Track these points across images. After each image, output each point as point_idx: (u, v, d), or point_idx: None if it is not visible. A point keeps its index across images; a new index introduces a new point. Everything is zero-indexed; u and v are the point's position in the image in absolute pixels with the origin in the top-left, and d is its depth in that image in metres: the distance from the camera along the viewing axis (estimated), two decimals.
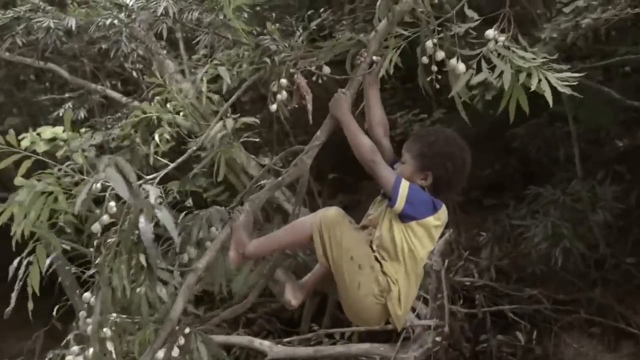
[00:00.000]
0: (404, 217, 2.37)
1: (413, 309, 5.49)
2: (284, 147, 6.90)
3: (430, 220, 2.38)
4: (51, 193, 2.26)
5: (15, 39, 3.86)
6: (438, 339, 5.28)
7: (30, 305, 2.47)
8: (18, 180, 2.23)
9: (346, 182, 7.07)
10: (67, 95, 6.80)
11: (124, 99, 6.56)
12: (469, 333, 5.99)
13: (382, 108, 2.71)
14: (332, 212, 2.39)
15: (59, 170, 2.31)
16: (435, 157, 2.40)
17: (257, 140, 2.81)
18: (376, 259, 2.39)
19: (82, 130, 2.50)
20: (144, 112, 2.67)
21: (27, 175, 2.27)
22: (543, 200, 5.96)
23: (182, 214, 2.66)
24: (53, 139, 4.10)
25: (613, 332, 5.89)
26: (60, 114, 6.38)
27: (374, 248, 2.42)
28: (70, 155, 2.33)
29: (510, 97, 2.43)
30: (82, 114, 6.47)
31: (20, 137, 2.32)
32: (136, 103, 6.31)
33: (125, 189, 2.15)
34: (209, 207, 2.66)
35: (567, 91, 2.35)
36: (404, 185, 2.35)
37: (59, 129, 2.40)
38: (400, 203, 2.34)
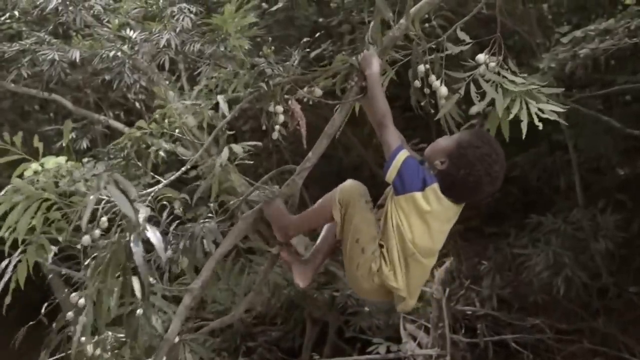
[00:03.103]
0: (395, 190, 2.37)
1: (414, 338, 5.47)
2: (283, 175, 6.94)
3: (417, 196, 2.33)
4: (46, 200, 2.19)
5: (20, 71, 3.92)
6: None
7: (8, 299, 2.29)
8: (15, 180, 2.17)
9: None
10: (70, 125, 6.83)
11: (126, 129, 6.58)
12: None
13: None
14: (349, 187, 2.46)
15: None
16: (459, 157, 2.34)
17: (253, 163, 2.83)
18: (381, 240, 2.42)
19: (85, 160, 2.50)
20: (140, 128, 2.71)
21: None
22: (544, 229, 5.97)
23: (175, 223, 2.64)
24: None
25: None
26: (64, 144, 6.42)
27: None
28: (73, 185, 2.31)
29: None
30: (85, 143, 6.51)
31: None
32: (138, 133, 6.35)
33: (129, 207, 2.14)
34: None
35: (553, 117, 2.40)
36: (400, 157, 2.35)
37: (62, 159, 2.39)
38: (391, 173, 2.35)
